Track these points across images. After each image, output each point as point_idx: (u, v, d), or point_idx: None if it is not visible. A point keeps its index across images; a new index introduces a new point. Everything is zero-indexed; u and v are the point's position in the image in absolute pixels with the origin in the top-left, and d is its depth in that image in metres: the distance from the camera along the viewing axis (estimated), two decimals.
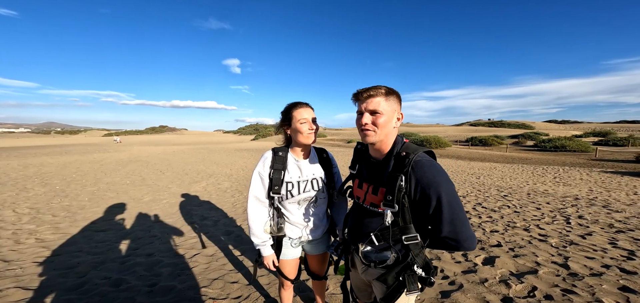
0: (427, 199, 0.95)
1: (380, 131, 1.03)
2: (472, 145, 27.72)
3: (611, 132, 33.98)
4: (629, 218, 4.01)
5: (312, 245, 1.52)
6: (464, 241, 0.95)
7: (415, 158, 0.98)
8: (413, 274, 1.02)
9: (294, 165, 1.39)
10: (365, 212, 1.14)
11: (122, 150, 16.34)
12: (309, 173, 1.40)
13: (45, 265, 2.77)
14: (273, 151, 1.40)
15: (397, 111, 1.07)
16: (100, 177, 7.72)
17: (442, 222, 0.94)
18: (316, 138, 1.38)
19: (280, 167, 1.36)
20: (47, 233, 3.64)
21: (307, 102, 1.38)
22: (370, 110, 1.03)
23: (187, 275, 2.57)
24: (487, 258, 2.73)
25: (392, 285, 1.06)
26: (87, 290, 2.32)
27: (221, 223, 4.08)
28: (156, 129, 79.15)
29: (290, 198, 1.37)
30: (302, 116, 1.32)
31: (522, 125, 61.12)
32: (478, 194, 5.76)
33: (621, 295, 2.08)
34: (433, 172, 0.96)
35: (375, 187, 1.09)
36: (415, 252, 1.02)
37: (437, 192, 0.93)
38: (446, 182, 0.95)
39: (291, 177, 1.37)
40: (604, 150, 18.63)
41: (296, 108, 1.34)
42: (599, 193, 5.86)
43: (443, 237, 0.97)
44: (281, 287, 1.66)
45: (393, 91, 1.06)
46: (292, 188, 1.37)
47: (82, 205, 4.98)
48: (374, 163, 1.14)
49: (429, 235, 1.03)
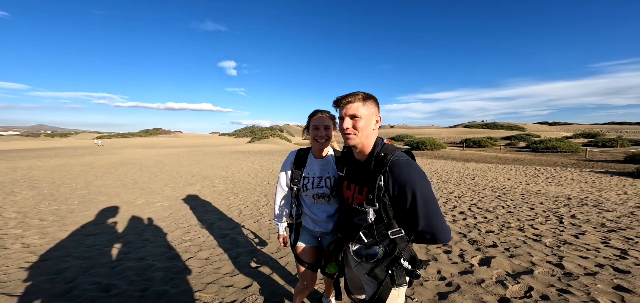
0: (403, 196, 1.01)
1: (361, 133, 1.11)
2: (467, 146, 28.06)
3: (600, 133, 34.84)
4: (619, 217, 4.09)
5: (327, 239, 1.63)
6: (439, 233, 1.03)
7: (392, 159, 1.05)
8: (400, 268, 1.10)
9: (312, 164, 1.57)
10: (354, 212, 1.22)
11: (115, 153, 16.04)
12: (323, 172, 1.55)
13: (31, 270, 2.67)
14: (297, 151, 1.64)
15: (375, 114, 1.15)
16: (91, 180, 7.54)
17: (418, 216, 1.01)
18: (328, 142, 1.52)
19: (300, 164, 1.58)
20: (34, 238, 3.52)
21: (324, 110, 1.52)
22: (350, 115, 1.11)
23: (181, 279, 2.51)
24: (484, 259, 2.74)
25: (382, 280, 1.11)
26: (75, 295, 2.24)
27: (216, 226, 4.02)
28: (150, 132, 78.06)
29: (306, 192, 1.55)
30: (315, 123, 1.49)
31: (514, 127, 62.18)
32: (473, 195, 5.81)
33: (616, 294, 2.10)
34: (408, 171, 1.02)
35: (360, 188, 1.16)
36: (402, 246, 1.10)
37: (412, 189, 0.99)
38: (421, 180, 1.01)
39: (308, 173, 1.56)
40: (594, 151, 19.07)
41: (313, 115, 1.52)
42: (590, 193, 5.97)
43: (420, 230, 1.04)
44: (300, 286, 1.71)
45: (370, 96, 1.13)
46: (308, 182, 1.54)
47: (71, 209, 4.85)
48: (357, 165, 1.22)
49: (408, 229, 1.10)
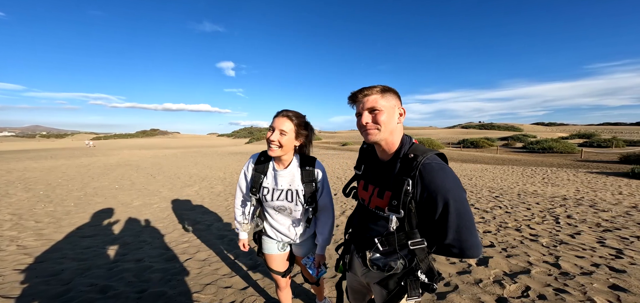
0: (433, 205, 0.90)
1: (384, 128, 0.98)
2: (464, 147, 28.21)
3: (595, 133, 35.20)
4: (615, 217, 4.13)
5: (296, 247, 1.56)
6: (468, 249, 0.91)
7: (423, 161, 0.92)
8: (416, 280, 0.98)
9: (271, 174, 1.40)
10: (370, 215, 1.09)
11: (111, 155, 15.93)
12: (284, 184, 1.38)
13: (27, 272, 2.64)
14: (259, 155, 1.44)
15: (397, 106, 1.02)
16: (87, 182, 7.48)
17: (448, 228, 0.90)
18: (284, 149, 1.29)
19: (260, 172, 1.40)
20: (29, 240, 3.49)
21: (286, 111, 1.31)
22: (369, 109, 0.99)
23: (179, 280, 2.49)
24: (481, 259, 2.75)
25: (393, 291, 1.03)
26: (71, 297, 2.21)
27: (214, 227, 4.00)
28: (147, 133, 77.53)
29: (266, 203, 1.42)
30: (271, 126, 1.29)
31: (511, 128, 62.68)
32: (471, 195, 5.84)
33: (612, 294, 2.11)
34: (442, 177, 0.89)
35: (380, 190, 1.03)
36: (421, 257, 0.98)
37: (444, 198, 0.88)
38: (456, 188, 0.89)
39: (268, 183, 1.40)
40: (589, 152, 19.27)
41: (274, 117, 1.31)
42: (585, 193, 6.03)
43: (447, 244, 0.93)
44: (277, 288, 1.69)
45: (389, 88, 1.01)
46: (267, 193, 1.40)
47: (67, 211, 4.80)
48: (380, 165, 1.08)
49: (432, 240, 0.99)
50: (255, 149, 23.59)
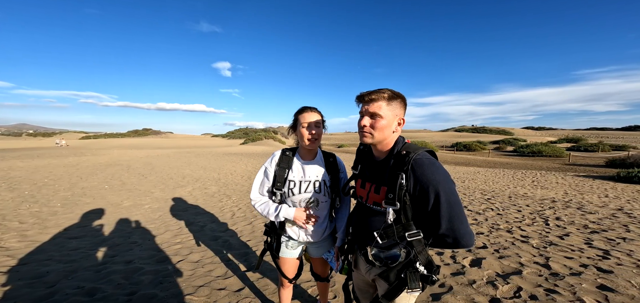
0: (425, 196, 0.96)
1: (377, 134, 1.06)
2: (457, 150, 28.65)
3: (582, 138, 36.23)
4: (601, 219, 4.24)
5: (314, 247, 1.56)
6: (461, 238, 0.96)
7: (415, 157, 1.00)
8: (415, 272, 1.03)
9: (299, 166, 1.45)
10: (368, 211, 1.15)
11: (101, 154, 15.54)
12: (312, 175, 1.44)
13: (9, 274, 2.53)
14: (282, 151, 1.48)
15: (399, 116, 1.08)
16: (75, 182, 7.27)
17: (440, 219, 0.95)
18: (318, 141, 1.41)
19: (285, 166, 1.43)
20: (12, 241, 3.36)
21: (313, 107, 1.42)
22: (370, 113, 1.05)
23: (170, 282, 2.43)
24: (474, 260, 2.78)
25: (394, 282, 1.06)
26: (56, 300, 2.14)
27: (208, 228, 3.93)
28: (139, 132, 76.08)
29: (292, 197, 1.43)
30: (305, 120, 1.37)
31: (502, 131, 64.01)
32: (464, 197, 5.92)
33: (600, 294, 2.16)
34: (433, 171, 0.97)
35: (377, 186, 1.10)
36: (418, 249, 1.03)
37: (435, 189, 0.94)
38: (445, 180, 0.96)
39: (294, 177, 1.43)
40: (577, 155, 19.81)
41: (302, 113, 1.40)
42: (573, 196, 6.18)
43: (441, 233, 0.98)
44: (280, 286, 1.69)
45: (397, 96, 1.06)
46: (294, 186, 1.42)
47: (53, 211, 4.65)
48: (375, 163, 1.16)
49: (428, 232, 1.04)
50: (251, 150, 23.39)
